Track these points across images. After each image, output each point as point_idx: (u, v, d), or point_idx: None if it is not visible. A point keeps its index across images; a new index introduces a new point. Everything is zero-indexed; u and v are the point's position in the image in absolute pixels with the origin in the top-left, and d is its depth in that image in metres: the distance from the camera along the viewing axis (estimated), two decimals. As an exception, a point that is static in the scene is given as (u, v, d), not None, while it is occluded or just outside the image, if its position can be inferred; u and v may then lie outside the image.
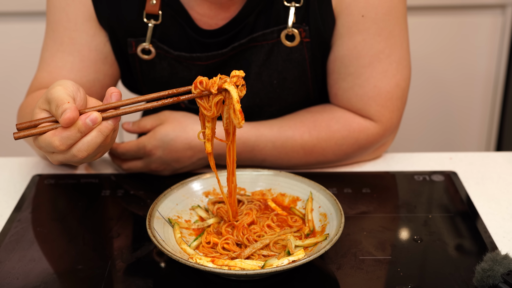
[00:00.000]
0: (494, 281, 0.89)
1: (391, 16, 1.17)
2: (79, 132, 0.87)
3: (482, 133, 2.30)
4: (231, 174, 1.02)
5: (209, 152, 0.98)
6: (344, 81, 1.22)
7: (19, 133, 0.89)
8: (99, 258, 1.01)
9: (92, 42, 1.21)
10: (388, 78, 1.20)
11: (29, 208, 1.15)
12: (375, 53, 1.19)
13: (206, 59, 1.21)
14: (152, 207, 1.02)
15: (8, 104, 2.11)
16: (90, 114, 0.87)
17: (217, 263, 0.94)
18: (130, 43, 1.21)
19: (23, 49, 2.11)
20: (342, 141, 1.22)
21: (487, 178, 1.24)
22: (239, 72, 0.93)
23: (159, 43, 1.20)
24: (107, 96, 0.91)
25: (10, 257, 1.01)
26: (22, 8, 2.05)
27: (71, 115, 0.85)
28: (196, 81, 0.92)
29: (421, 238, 1.05)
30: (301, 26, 1.18)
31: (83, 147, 0.88)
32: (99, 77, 1.24)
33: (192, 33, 1.20)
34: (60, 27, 1.21)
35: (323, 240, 0.97)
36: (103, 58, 1.23)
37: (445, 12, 2.11)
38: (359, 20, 1.17)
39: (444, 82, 2.21)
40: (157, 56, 1.22)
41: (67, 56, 1.21)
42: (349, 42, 1.19)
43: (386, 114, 1.22)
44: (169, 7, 1.19)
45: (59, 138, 0.87)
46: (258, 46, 1.20)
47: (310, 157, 1.23)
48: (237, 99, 0.91)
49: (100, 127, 0.88)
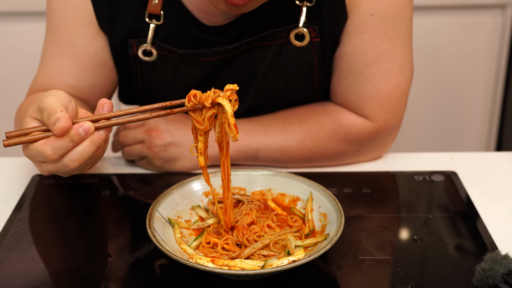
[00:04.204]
0: (494, 281, 0.89)
1: (398, 16, 1.17)
2: (72, 142, 0.86)
3: (482, 133, 2.30)
4: (226, 190, 1.01)
5: (202, 166, 0.98)
6: (346, 79, 1.22)
7: (8, 141, 0.88)
8: (99, 258, 1.01)
9: (91, 46, 1.21)
10: (389, 78, 1.20)
11: (29, 208, 1.15)
12: (379, 52, 1.19)
13: (212, 55, 1.19)
14: (152, 207, 1.02)
15: (8, 104, 2.11)
16: (83, 124, 0.87)
17: (217, 263, 0.94)
18: (131, 43, 1.20)
19: (23, 49, 2.11)
20: (332, 134, 1.22)
21: (487, 178, 1.24)
22: (233, 86, 0.93)
23: (161, 43, 1.20)
24: (99, 107, 0.91)
25: (10, 257, 1.01)
26: (22, 8, 2.05)
27: (66, 124, 0.85)
28: (190, 94, 0.92)
29: (421, 238, 1.05)
30: (311, 25, 1.18)
31: (75, 157, 0.87)
32: (98, 81, 1.24)
33: (197, 31, 1.19)
34: (59, 31, 1.20)
35: (323, 240, 0.97)
36: (102, 63, 1.23)
37: (445, 12, 2.11)
38: (368, 19, 1.16)
39: (444, 82, 2.21)
40: (159, 58, 1.21)
41: (66, 60, 1.21)
42: (356, 40, 1.18)
43: (382, 115, 1.22)
44: (171, 6, 1.18)
45: (51, 147, 0.86)
46: (266, 46, 1.19)
47: (303, 148, 1.23)
48: (231, 114, 0.91)
49: (93, 137, 0.88)
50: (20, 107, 1.24)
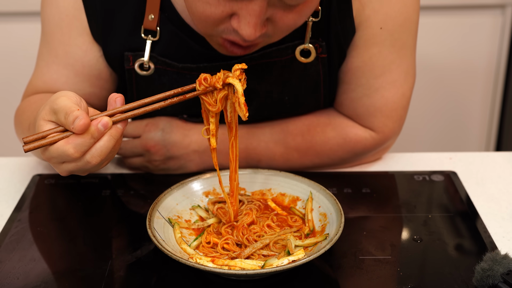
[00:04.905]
0: (493, 281, 0.89)
1: (405, 27, 1.15)
2: (92, 138, 0.87)
3: (482, 133, 2.30)
4: (233, 172, 1.02)
5: (214, 148, 0.98)
6: (354, 91, 1.20)
7: (28, 145, 0.88)
8: (99, 258, 1.01)
9: (85, 57, 1.18)
10: (395, 88, 1.19)
11: (29, 208, 1.15)
12: (387, 64, 1.17)
13: (214, 69, 1.14)
14: (152, 207, 1.02)
15: (8, 104, 2.11)
16: (101, 119, 0.87)
17: (217, 263, 0.94)
18: (127, 57, 1.17)
19: (23, 49, 2.11)
20: (337, 148, 1.22)
21: (487, 178, 1.24)
22: (241, 65, 0.94)
23: (160, 57, 1.16)
24: (111, 101, 0.91)
25: (10, 257, 1.01)
26: (22, 8, 2.05)
27: (85, 121, 0.85)
28: (200, 78, 0.94)
29: (421, 238, 1.05)
30: (317, 41, 1.15)
31: (96, 152, 0.88)
32: (95, 91, 1.22)
33: (197, 45, 1.15)
34: (54, 40, 1.19)
35: (323, 240, 0.97)
36: (97, 74, 1.20)
37: (445, 12, 2.11)
38: (377, 32, 1.14)
39: (444, 82, 2.21)
40: (156, 72, 1.17)
41: (62, 69, 1.19)
42: (364, 54, 1.16)
43: (389, 125, 1.21)
44: (170, 20, 1.14)
45: (73, 145, 0.87)
46: (270, 62, 1.16)
47: (305, 160, 1.22)
48: (241, 93, 0.93)
49: (111, 131, 0.89)
50: (18, 109, 1.23)
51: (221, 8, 0.92)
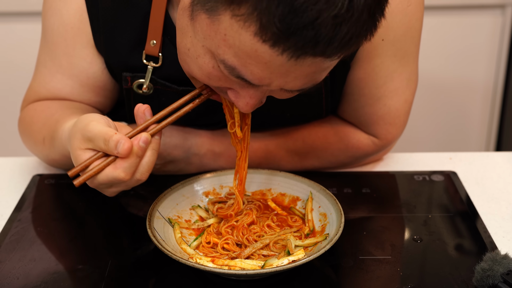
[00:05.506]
0: (493, 281, 0.89)
1: (407, 36, 1.14)
2: (138, 157, 0.88)
3: (482, 133, 2.30)
4: (243, 161, 1.02)
5: (241, 138, 1.00)
6: (356, 101, 1.20)
7: (78, 179, 0.89)
8: (99, 258, 1.01)
9: (90, 69, 1.17)
10: (398, 95, 1.18)
11: (30, 208, 1.15)
12: (389, 73, 1.16)
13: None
14: (152, 207, 1.02)
15: (8, 104, 2.11)
16: (140, 137, 0.88)
17: (217, 263, 0.94)
18: (125, 78, 1.15)
19: (23, 49, 2.11)
20: (338, 153, 1.22)
21: (487, 178, 1.24)
22: None
23: (159, 79, 1.14)
24: (140, 115, 0.92)
25: (10, 257, 1.02)
26: (22, 8, 2.05)
27: (129, 144, 0.86)
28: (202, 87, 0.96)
29: (421, 238, 1.05)
30: None
31: (144, 169, 0.89)
32: (101, 100, 1.21)
33: None
34: (58, 50, 1.17)
35: (323, 240, 0.97)
36: (102, 85, 1.20)
37: (445, 12, 2.11)
38: (379, 44, 1.13)
39: (444, 82, 2.21)
40: (155, 92, 1.16)
41: (66, 80, 1.18)
42: (367, 66, 1.15)
43: (392, 131, 1.21)
44: (172, 43, 1.11)
45: (123, 169, 0.88)
46: None
47: (306, 163, 1.22)
48: None
49: (152, 145, 0.90)
50: (24, 118, 1.21)
51: (220, 83, 0.90)
